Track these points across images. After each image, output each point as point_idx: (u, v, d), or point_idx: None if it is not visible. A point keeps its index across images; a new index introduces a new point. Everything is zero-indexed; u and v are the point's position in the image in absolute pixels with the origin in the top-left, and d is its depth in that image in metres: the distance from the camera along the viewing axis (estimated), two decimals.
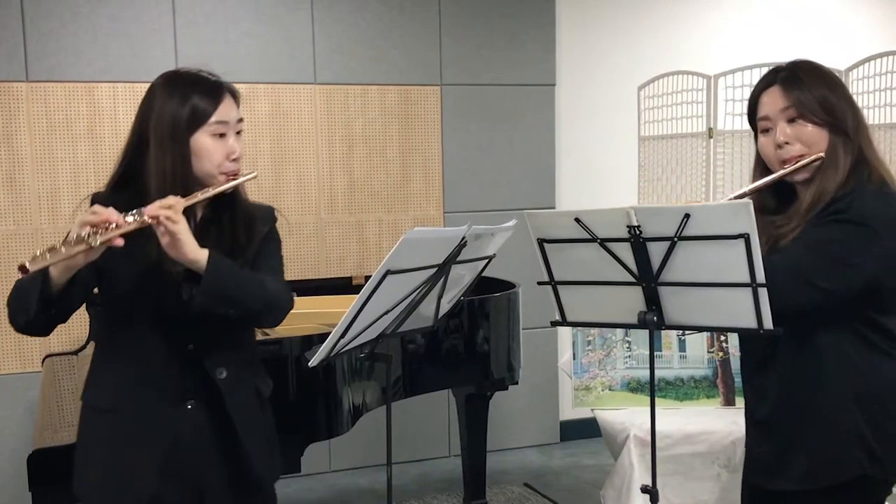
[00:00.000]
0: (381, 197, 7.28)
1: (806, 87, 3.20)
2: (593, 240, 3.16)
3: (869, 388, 3.17)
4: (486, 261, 3.75)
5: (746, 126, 5.95)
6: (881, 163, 3.25)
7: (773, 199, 3.35)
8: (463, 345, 5.47)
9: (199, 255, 2.99)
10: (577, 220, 3.16)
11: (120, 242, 2.85)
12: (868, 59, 5.48)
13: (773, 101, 3.25)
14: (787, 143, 3.22)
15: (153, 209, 2.91)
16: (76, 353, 5.52)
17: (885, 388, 3.20)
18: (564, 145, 7.78)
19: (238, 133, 3.24)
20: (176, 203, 2.96)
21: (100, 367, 3.27)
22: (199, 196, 3.07)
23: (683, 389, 5.44)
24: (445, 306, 3.73)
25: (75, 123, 6.45)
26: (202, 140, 3.12)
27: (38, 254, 2.76)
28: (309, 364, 3.29)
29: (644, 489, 3.44)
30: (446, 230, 3.38)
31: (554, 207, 7.63)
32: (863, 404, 3.17)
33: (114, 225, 2.85)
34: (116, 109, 6.50)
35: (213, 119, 3.14)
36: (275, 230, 3.44)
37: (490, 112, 7.53)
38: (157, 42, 6.61)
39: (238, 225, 3.25)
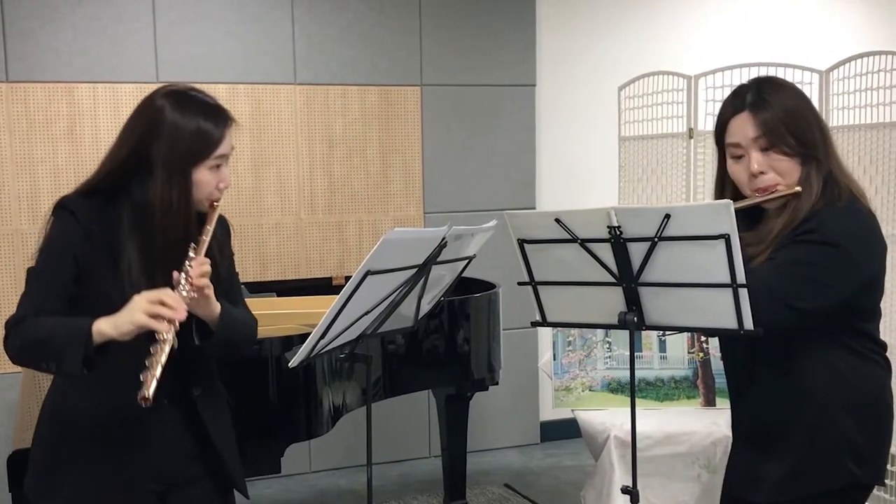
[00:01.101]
0: (362, 197, 7.27)
1: (773, 111, 3.15)
2: (573, 240, 3.16)
3: (856, 396, 3.19)
4: (467, 261, 3.75)
5: None
6: (849, 178, 3.24)
7: (744, 219, 3.28)
8: (443, 345, 5.48)
9: (217, 310, 3.11)
10: (557, 220, 3.16)
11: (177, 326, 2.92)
12: (848, 60, 5.48)
13: (744, 130, 3.19)
14: (762, 172, 3.18)
15: (199, 282, 2.99)
16: None
17: (872, 392, 3.23)
18: (544, 146, 7.78)
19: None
20: (209, 268, 3.05)
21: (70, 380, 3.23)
22: (206, 240, 3.12)
23: (664, 390, 5.44)
24: (426, 307, 3.73)
25: (55, 124, 6.44)
26: (202, 174, 3.13)
27: (148, 378, 2.81)
28: (289, 365, 3.29)
29: (624, 490, 3.44)
30: (426, 231, 3.38)
31: (534, 208, 7.64)
32: (853, 411, 3.18)
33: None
34: (96, 110, 6.49)
35: (215, 154, 3.14)
36: (230, 245, 3.48)
37: (470, 112, 7.53)
38: (137, 42, 6.60)
39: (214, 247, 3.26)
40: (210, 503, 3.37)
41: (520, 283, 3.42)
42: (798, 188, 3.15)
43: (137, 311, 2.84)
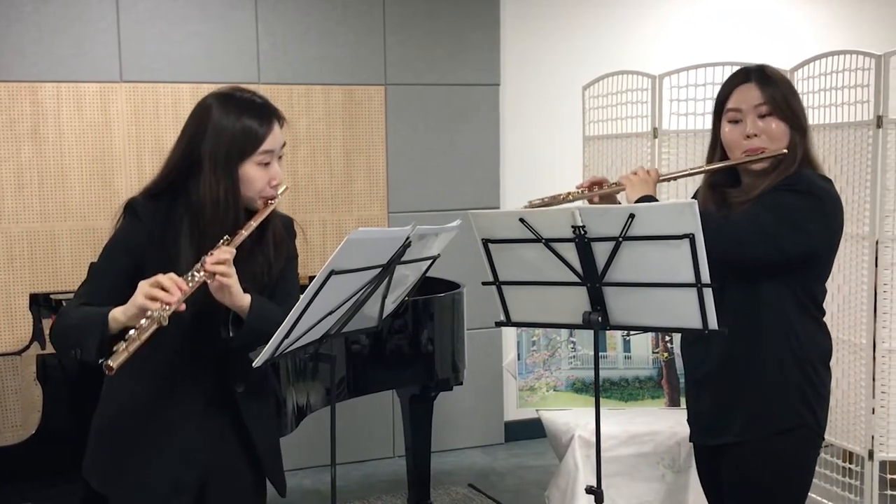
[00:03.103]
0: (325, 197, 7.25)
1: (777, 87, 3.48)
2: (538, 240, 3.17)
3: (804, 351, 3.42)
4: (431, 261, 3.73)
5: (691, 126, 5.98)
6: (819, 164, 3.58)
7: (730, 178, 3.60)
8: (407, 345, 5.47)
9: (244, 301, 3.16)
10: (521, 220, 3.18)
11: (183, 307, 2.95)
12: (813, 59, 5.49)
13: (748, 97, 3.49)
14: (755, 135, 3.44)
15: (211, 268, 3.03)
16: (20, 353, 5.46)
17: (818, 353, 3.50)
18: (509, 145, 7.77)
19: (280, 157, 3.36)
20: (229, 256, 3.07)
21: (122, 378, 3.27)
22: (245, 234, 3.19)
23: (628, 390, 5.45)
24: (390, 306, 3.71)
25: (19, 123, 6.39)
26: (249, 169, 3.24)
27: (118, 350, 2.86)
28: (253, 364, 3.27)
29: (589, 490, 3.45)
30: (390, 230, 3.37)
31: (498, 207, 7.63)
32: (799, 364, 3.41)
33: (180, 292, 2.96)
34: (60, 109, 6.44)
35: (260, 149, 3.24)
36: (295, 247, 3.57)
37: (435, 112, 7.53)
38: (102, 42, 6.56)
39: (270, 246, 3.39)
40: (247, 498, 3.49)
41: (484, 283, 3.44)
42: (785, 150, 3.43)
43: (139, 294, 2.93)
